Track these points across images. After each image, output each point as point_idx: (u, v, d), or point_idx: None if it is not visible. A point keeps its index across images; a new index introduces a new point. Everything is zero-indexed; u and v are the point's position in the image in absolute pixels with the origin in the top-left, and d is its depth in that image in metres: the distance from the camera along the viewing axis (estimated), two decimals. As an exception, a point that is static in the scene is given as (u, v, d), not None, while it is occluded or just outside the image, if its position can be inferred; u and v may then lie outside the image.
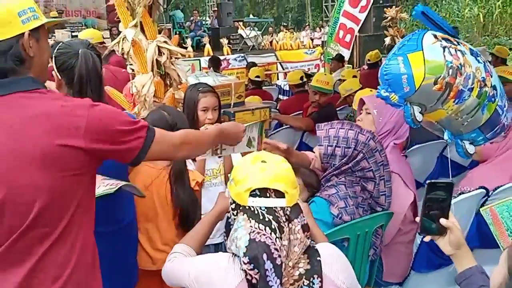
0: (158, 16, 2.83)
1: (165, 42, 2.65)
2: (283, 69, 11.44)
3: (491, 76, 1.98)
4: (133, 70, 2.71)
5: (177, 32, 13.35)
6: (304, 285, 1.21)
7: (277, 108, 4.89)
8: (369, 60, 6.59)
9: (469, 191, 2.21)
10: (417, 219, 1.17)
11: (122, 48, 2.65)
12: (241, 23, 13.94)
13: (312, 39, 16.30)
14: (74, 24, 11.56)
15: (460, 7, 17.51)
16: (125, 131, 1.20)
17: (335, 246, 1.37)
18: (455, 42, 1.94)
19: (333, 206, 1.88)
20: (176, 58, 2.75)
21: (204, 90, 2.39)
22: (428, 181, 1.13)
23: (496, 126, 2.01)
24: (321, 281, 1.21)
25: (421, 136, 3.19)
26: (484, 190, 2.25)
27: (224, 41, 11.47)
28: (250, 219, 1.20)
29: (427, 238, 1.19)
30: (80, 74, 1.56)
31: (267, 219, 1.19)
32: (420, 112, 1.93)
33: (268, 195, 1.21)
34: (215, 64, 6.63)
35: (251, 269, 1.16)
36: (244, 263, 1.16)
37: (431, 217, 1.16)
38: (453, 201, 2.09)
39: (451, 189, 1.15)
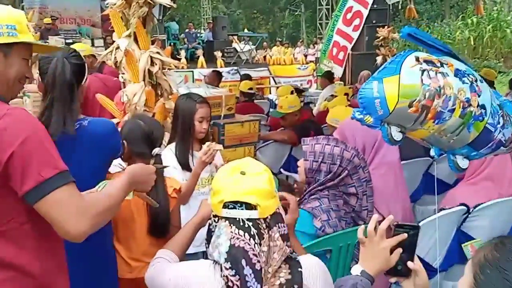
0: (153, 27, 2.88)
1: (157, 53, 2.69)
2: (276, 83, 11.55)
3: (479, 96, 2.00)
4: (124, 79, 2.75)
5: (171, 44, 13.45)
6: None
7: (267, 121, 4.95)
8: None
9: (450, 208, 2.26)
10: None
11: (115, 57, 2.69)
12: (235, 37, 14.08)
13: (305, 55, 16.49)
14: (68, 31, 11.59)
15: (452, 30, 17.86)
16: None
17: (317, 259, 1.39)
18: (438, 64, 1.98)
19: (316, 218, 1.91)
20: (169, 69, 2.80)
21: (200, 100, 2.45)
22: (395, 223, 1.15)
23: (490, 142, 2.01)
24: None
25: (408, 152, 3.24)
26: (465, 207, 2.30)
27: (218, 54, 11.57)
28: (231, 225, 1.22)
29: (393, 280, 1.22)
30: (47, 79, 1.61)
31: (246, 226, 1.22)
32: (400, 131, 1.98)
33: (241, 207, 1.23)
34: (217, 78, 6.56)
35: (232, 275, 1.18)
36: (226, 269, 1.19)
37: (398, 259, 1.18)
38: (434, 216, 2.15)
39: (417, 232, 1.17)
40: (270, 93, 10.47)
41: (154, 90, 2.73)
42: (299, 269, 1.26)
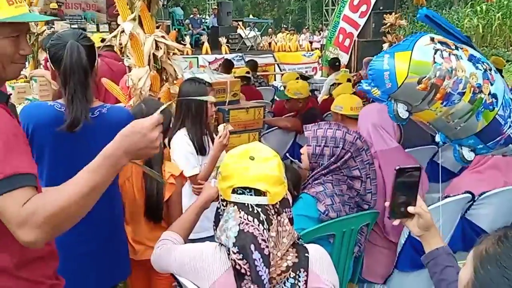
0: (157, 12, 2.87)
1: (162, 37, 2.68)
2: (281, 70, 11.49)
3: (491, 84, 1.96)
4: (129, 64, 2.74)
5: (176, 29, 13.36)
6: (290, 277, 1.24)
7: (272, 108, 4.94)
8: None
9: (454, 196, 2.25)
10: (387, 203, 1.19)
11: (120, 41, 2.68)
12: (240, 23, 13.99)
13: (311, 42, 16.36)
14: (73, 16, 11.55)
15: (460, 17, 17.64)
16: None
17: (321, 247, 1.40)
18: (453, 47, 1.94)
19: (320, 203, 1.92)
20: (173, 53, 2.79)
21: (208, 84, 2.48)
22: (396, 167, 1.15)
23: (498, 136, 1.96)
24: (306, 275, 1.25)
25: (414, 140, 3.23)
26: (469, 195, 2.29)
27: (223, 40, 11.50)
28: (240, 210, 1.23)
29: (396, 222, 1.23)
30: (65, 66, 1.56)
31: (255, 211, 1.23)
32: (407, 110, 1.95)
33: (250, 193, 1.24)
34: (228, 67, 6.36)
35: (240, 259, 1.19)
36: (234, 253, 1.20)
37: (400, 201, 1.19)
38: (438, 204, 2.15)
39: (419, 174, 1.16)
40: (275, 80, 10.41)
41: (159, 74, 2.72)
42: (306, 254, 1.28)
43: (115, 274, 1.80)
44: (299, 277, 1.24)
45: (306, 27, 21.44)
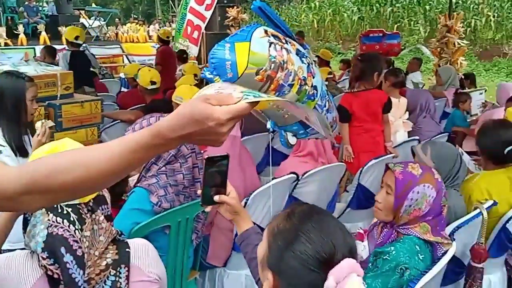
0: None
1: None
2: (130, 62, 11.08)
3: (313, 77, 2.19)
4: None
5: (9, 18, 11.94)
6: (110, 274, 1.22)
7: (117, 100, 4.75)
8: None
9: (281, 176, 2.48)
10: (199, 192, 1.25)
11: None
12: (83, 12, 13.07)
13: (161, 34, 16.02)
14: None
15: (298, 13, 19.18)
16: None
17: (146, 240, 1.40)
18: (283, 41, 2.11)
19: (152, 194, 1.91)
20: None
21: (28, 78, 2.30)
22: (205, 157, 1.19)
23: None
24: (128, 271, 1.24)
25: (253, 127, 3.43)
26: (294, 175, 2.54)
27: (63, 29, 10.61)
28: (48, 212, 1.17)
29: (208, 208, 1.29)
30: None
31: (65, 212, 1.17)
32: None
33: None
34: (51, 54, 6.03)
35: (51, 264, 1.13)
36: (44, 258, 1.13)
37: (211, 189, 1.24)
38: (268, 184, 2.33)
39: (227, 162, 1.22)
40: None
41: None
42: (127, 250, 1.27)
43: None
44: (120, 273, 1.23)
45: (156, 18, 20.97)
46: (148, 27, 16.67)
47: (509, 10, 15.01)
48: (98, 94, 4.69)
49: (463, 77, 5.97)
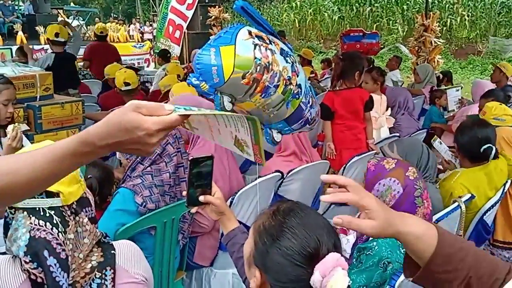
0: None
1: None
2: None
3: (297, 76, 2.20)
4: None
5: (-18, 17, 11.65)
6: (96, 277, 1.21)
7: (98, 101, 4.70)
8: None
9: (266, 175, 2.49)
10: (184, 193, 1.25)
11: None
12: (61, 11, 12.85)
13: (142, 33, 15.95)
14: None
15: (280, 12, 19.23)
16: None
17: (131, 242, 1.40)
18: (268, 41, 2.11)
19: (137, 195, 1.91)
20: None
21: (4, 81, 2.27)
22: (190, 158, 1.18)
23: (300, 119, 2.25)
24: (113, 272, 1.23)
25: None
26: (279, 174, 2.56)
27: (41, 29, 10.45)
28: (30, 216, 1.15)
29: (194, 209, 1.28)
30: None
31: (48, 215, 1.16)
32: (230, 102, 2.08)
33: (41, 195, 1.16)
34: (25, 55, 5.91)
35: (34, 268, 1.12)
36: (26, 262, 1.12)
37: (196, 190, 1.24)
38: (254, 183, 2.34)
39: (212, 162, 1.21)
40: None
41: None
42: (112, 251, 1.26)
43: None
44: (106, 275, 1.22)
45: (137, 17, 20.78)
46: (129, 26, 16.52)
47: (483, 9, 15.35)
48: (81, 94, 4.63)
49: (440, 75, 6.08)
